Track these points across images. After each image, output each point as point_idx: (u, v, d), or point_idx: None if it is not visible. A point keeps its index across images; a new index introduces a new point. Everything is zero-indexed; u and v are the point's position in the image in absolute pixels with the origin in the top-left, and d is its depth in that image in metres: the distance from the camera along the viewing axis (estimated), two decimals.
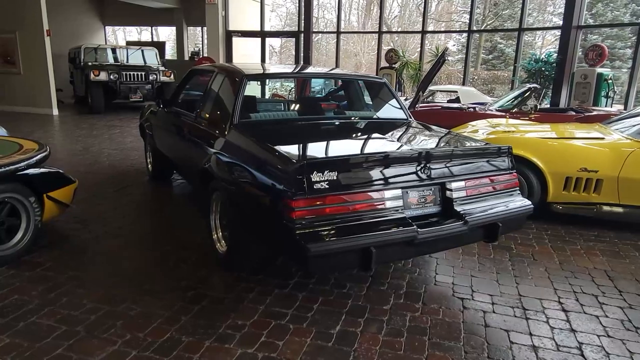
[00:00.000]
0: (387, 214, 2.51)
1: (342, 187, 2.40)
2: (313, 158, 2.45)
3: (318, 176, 2.34)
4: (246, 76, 3.36)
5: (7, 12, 11.41)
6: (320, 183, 2.34)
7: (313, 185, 2.33)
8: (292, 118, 3.42)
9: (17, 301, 2.75)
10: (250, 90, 3.49)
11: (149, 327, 2.53)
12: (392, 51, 11.13)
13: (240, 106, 3.22)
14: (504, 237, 4.07)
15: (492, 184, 2.94)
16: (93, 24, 17.59)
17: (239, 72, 3.45)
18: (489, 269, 3.43)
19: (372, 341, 2.48)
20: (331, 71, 4.42)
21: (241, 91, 3.27)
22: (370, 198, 2.48)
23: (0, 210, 3.19)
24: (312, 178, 2.32)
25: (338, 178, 2.39)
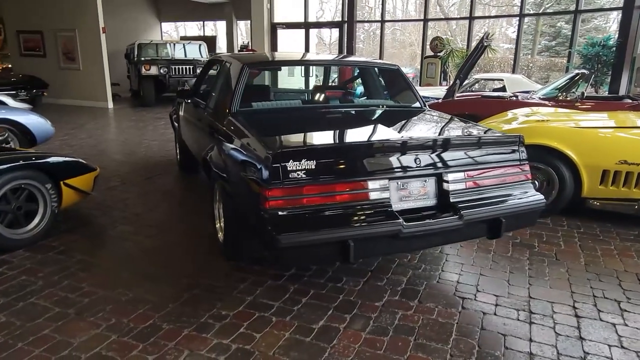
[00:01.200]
0: (371, 205, 2.38)
1: (321, 177, 2.30)
2: (289, 146, 2.36)
3: (294, 165, 2.25)
4: (247, 65, 3.32)
5: (68, 12, 12.13)
6: (297, 172, 2.25)
7: (289, 175, 2.24)
8: (296, 107, 3.34)
9: (23, 282, 2.90)
10: (260, 79, 3.45)
11: (135, 313, 2.57)
12: (437, 39, 10.70)
13: (240, 95, 3.19)
14: (527, 234, 3.79)
15: (498, 176, 2.71)
16: (150, 20, 18.35)
17: (240, 60, 3.41)
18: (502, 268, 3.19)
19: (353, 338, 2.37)
20: (342, 58, 4.28)
21: (241, 80, 3.23)
22: (351, 189, 2.36)
23: (18, 196, 3.37)
24: (287, 167, 2.24)
25: (316, 167, 2.29)
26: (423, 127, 3.21)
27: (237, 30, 17.20)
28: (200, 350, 2.26)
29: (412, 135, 2.71)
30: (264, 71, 7.65)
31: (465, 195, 2.60)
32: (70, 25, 12.23)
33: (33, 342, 2.30)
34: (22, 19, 13.06)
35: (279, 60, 4.10)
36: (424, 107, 3.65)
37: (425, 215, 2.48)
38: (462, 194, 2.59)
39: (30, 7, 12.76)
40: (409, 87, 3.72)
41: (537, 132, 4.19)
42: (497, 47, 14.10)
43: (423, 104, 3.67)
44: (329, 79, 5.01)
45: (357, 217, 2.33)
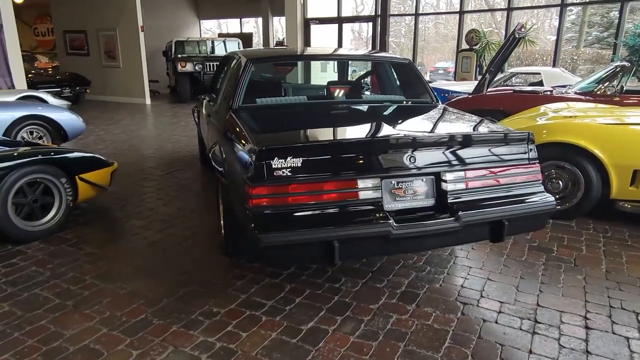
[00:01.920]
0: (360, 205, 2.29)
1: (308, 175, 2.23)
2: (274, 143, 2.31)
3: (279, 163, 2.20)
4: (250, 60, 3.29)
5: (109, 12, 12.58)
6: (282, 170, 2.20)
7: (273, 173, 2.19)
8: (301, 103, 3.28)
9: (31, 273, 3.01)
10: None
11: (129, 307, 2.60)
12: (473, 32, 10.31)
13: (242, 90, 3.16)
14: (548, 237, 3.57)
15: (503, 176, 2.55)
16: (189, 18, 18.75)
17: (245, 56, 3.39)
18: (513, 273, 3.02)
19: (340, 342, 2.30)
20: (352, 53, 4.16)
21: (244, 75, 3.21)
22: (339, 188, 2.28)
23: (34, 189, 3.50)
24: (272, 165, 2.19)
25: (303, 165, 2.22)
26: (427, 123, 3.07)
27: (272, 26, 17.28)
28: (185, 347, 2.26)
29: (409, 132, 2.59)
30: (294, 67, 7.61)
31: (465, 195, 2.46)
32: (111, 24, 12.68)
33: (28, 332, 2.37)
34: (69, 20, 13.68)
35: (285, 56, 4.05)
36: (435, 102, 3.50)
37: (420, 216, 2.37)
38: (462, 195, 2.45)
39: (76, 8, 13.34)
40: (420, 82, 3.58)
41: (562, 129, 3.94)
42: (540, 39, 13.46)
43: (435, 99, 3.51)
44: (344, 75, 4.90)
45: (344, 217, 2.25)
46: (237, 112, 3.05)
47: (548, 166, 3.92)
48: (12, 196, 3.33)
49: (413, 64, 3.64)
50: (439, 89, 8.73)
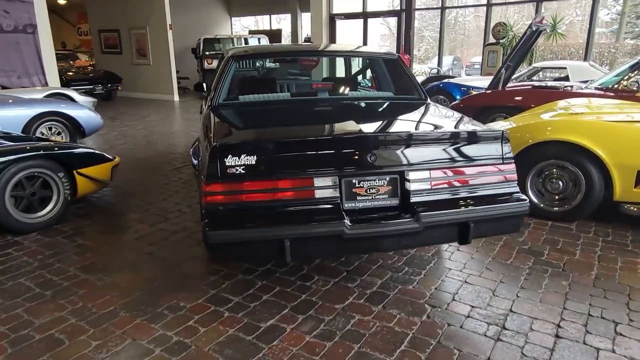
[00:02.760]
0: (315, 204, 2.26)
1: (261, 173, 2.23)
2: (229, 141, 2.31)
3: (233, 160, 2.20)
4: (232, 57, 3.30)
5: (140, 11, 12.97)
6: (236, 168, 2.20)
7: (227, 170, 2.20)
8: (284, 100, 3.26)
9: (21, 262, 3.15)
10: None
11: (102, 299, 2.69)
12: (500, 25, 9.94)
13: (223, 87, 3.18)
14: (542, 239, 3.42)
15: (472, 175, 2.45)
16: (220, 16, 19.05)
17: (229, 53, 3.41)
18: (494, 276, 2.91)
19: (295, 341, 2.29)
20: (340, 49, 4.09)
21: (226, 72, 3.23)
22: (294, 186, 2.26)
23: (33, 183, 3.66)
24: (226, 162, 2.20)
25: (257, 163, 2.22)
26: (402, 121, 2.98)
27: (301, 22, 17.31)
28: (142, 340, 2.31)
29: (373, 129, 2.53)
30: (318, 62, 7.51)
31: (429, 195, 2.38)
32: (142, 23, 13.07)
33: (2, 320, 2.49)
34: (103, 19, 14.20)
35: (270, 52, 4.02)
36: (423, 99, 3.40)
37: (378, 216, 2.32)
38: (425, 195, 2.38)
39: (110, 8, 13.82)
40: (408, 78, 3.48)
41: (563, 126, 3.75)
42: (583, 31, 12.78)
43: (423, 95, 3.41)
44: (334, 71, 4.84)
45: (297, 216, 2.23)
46: (216, 109, 3.08)
47: (549, 165, 3.75)
48: (10, 189, 3.49)
49: (401, 59, 3.55)
50: (458, 84, 8.51)
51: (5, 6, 9.15)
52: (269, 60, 5.79)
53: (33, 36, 9.58)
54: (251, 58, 3.54)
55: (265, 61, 4.95)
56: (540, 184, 3.83)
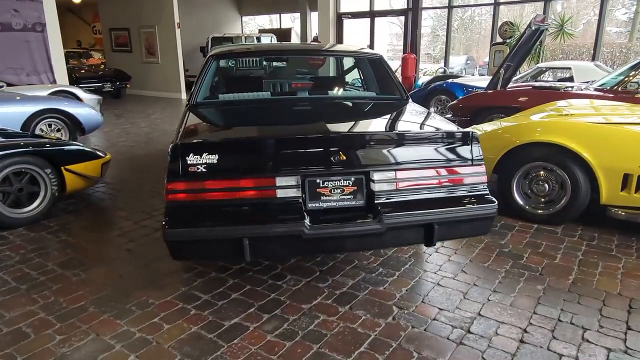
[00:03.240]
0: (276, 204, 2.26)
1: (223, 172, 2.23)
2: (189, 140, 2.32)
3: (195, 159, 2.21)
4: (212, 56, 3.32)
5: (149, 10, 13.12)
6: (197, 167, 2.21)
7: (188, 169, 2.21)
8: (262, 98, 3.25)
9: (3, 257, 3.21)
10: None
11: (74, 294, 2.72)
12: (507, 24, 9.80)
13: (201, 87, 3.20)
14: (524, 242, 3.37)
15: (438, 177, 2.42)
16: (231, 15, 19.17)
17: (210, 53, 3.42)
18: (468, 279, 2.87)
19: (255, 340, 2.29)
20: (320, 48, 4.07)
21: (204, 71, 3.24)
22: (255, 185, 2.26)
23: (21, 179, 3.73)
24: (187, 161, 2.21)
25: (219, 162, 2.22)
26: (374, 120, 2.96)
27: (310, 21, 17.31)
28: (105, 336, 2.33)
29: (341, 129, 2.52)
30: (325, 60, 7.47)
31: (394, 196, 2.36)
32: (150, 21, 13.22)
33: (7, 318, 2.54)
34: (114, 18, 14.40)
35: (249, 52, 4.02)
36: (404, 99, 3.37)
37: (339, 217, 2.30)
38: (390, 196, 2.36)
39: (120, 7, 14.01)
40: (390, 78, 3.46)
41: (549, 128, 3.69)
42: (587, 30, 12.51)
43: (404, 95, 3.38)
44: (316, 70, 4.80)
45: (256, 215, 2.23)
46: (193, 108, 3.09)
47: (536, 167, 3.69)
48: None
49: (384, 59, 3.53)
50: (462, 84, 8.42)
51: (15, 5, 9.33)
52: (259, 59, 5.78)
53: (42, 34, 9.75)
54: (231, 57, 3.54)
55: (251, 60, 4.93)
56: (526, 186, 3.77)
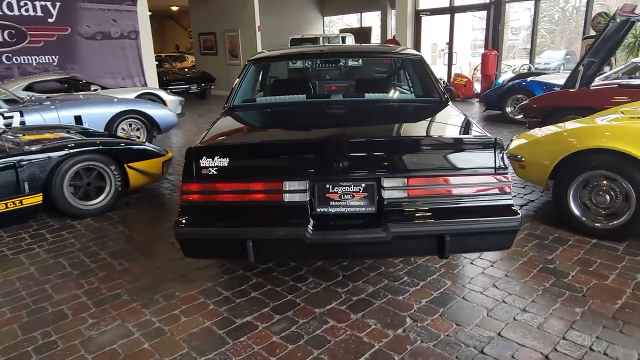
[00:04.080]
0: (284, 207, 2.28)
1: (233, 175, 2.31)
2: (204, 143, 2.42)
3: (207, 162, 2.31)
4: (250, 61, 3.42)
5: (233, 14, 13.81)
6: (209, 169, 2.31)
7: (201, 171, 2.32)
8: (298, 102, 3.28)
9: (68, 244, 3.60)
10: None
11: (114, 282, 2.98)
12: (600, 15, 8.86)
13: (239, 90, 3.32)
14: (576, 259, 3.06)
15: (457, 186, 2.29)
16: (312, 15, 19.49)
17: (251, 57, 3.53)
18: (498, 294, 2.68)
19: (260, 340, 2.34)
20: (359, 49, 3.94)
21: (243, 75, 3.36)
22: (263, 189, 2.30)
23: (89, 174, 4.14)
24: (200, 163, 2.31)
25: (230, 165, 2.30)
26: (399, 124, 2.84)
27: (391, 20, 17.05)
28: (129, 323, 2.53)
29: (354, 134, 2.46)
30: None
31: (405, 205, 2.28)
32: (234, 26, 13.91)
33: (32, 292, 2.88)
34: (203, 23, 15.35)
35: (288, 55, 4.03)
36: (443, 101, 3.21)
37: (347, 224, 2.27)
38: (400, 204, 2.27)
39: (208, 13, 14.91)
40: (430, 80, 3.31)
41: (615, 133, 3.31)
42: None
43: (444, 97, 3.23)
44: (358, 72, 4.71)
45: (261, 217, 2.28)
46: (228, 111, 3.22)
47: (597, 176, 3.33)
48: (68, 179, 3.99)
49: (424, 60, 3.39)
50: (542, 82, 7.80)
51: (114, 15, 10.34)
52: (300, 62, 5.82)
53: (136, 42, 10.71)
54: (268, 61, 3.62)
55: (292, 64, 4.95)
56: (585, 196, 3.41)
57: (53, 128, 5.00)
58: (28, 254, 3.45)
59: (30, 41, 9.27)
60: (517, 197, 4.32)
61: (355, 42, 14.77)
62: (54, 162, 3.89)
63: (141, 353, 2.28)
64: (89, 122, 6.08)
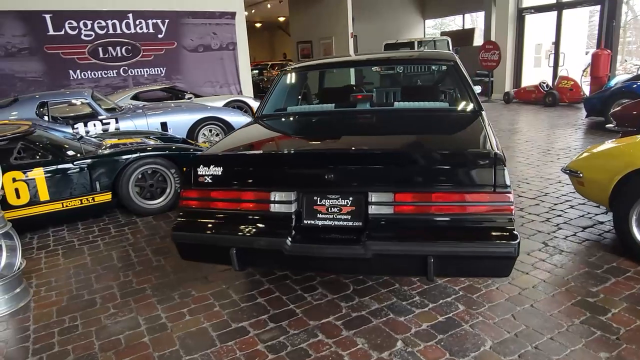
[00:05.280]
0: (269, 217, 2.30)
1: (225, 184, 2.38)
2: (204, 153, 2.52)
3: (204, 170, 2.42)
4: (282, 71, 3.48)
5: (328, 23, 14.13)
6: (205, 177, 2.42)
7: (198, 179, 2.44)
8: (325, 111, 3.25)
9: (124, 238, 4.01)
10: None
11: (145, 276, 3.25)
12: None
13: (268, 100, 3.40)
14: (624, 294, 2.63)
15: (448, 203, 2.10)
16: (412, 18, 19.10)
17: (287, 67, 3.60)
18: (511, 326, 2.40)
19: (246, 346, 2.39)
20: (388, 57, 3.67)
21: (274, 85, 3.44)
22: (252, 198, 2.34)
23: (153, 176, 4.56)
24: (198, 171, 2.44)
25: (223, 174, 2.39)
26: (406, 137, 2.67)
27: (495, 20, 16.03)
28: (141, 316, 2.74)
29: (342, 145, 2.38)
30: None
31: (390, 222, 2.15)
32: (329, 33, 14.22)
33: (79, 280, 3.26)
34: (300, 32, 15.94)
35: (317, 65, 3.94)
36: (475, 110, 2.96)
37: (326, 237, 2.22)
38: (386, 220, 2.16)
39: (306, 21, 15.44)
40: (463, 87, 3.07)
41: None
42: None
43: (477, 106, 2.97)
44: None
45: (246, 226, 2.31)
46: (254, 120, 3.33)
47: None
48: (133, 180, 4.44)
49: (458, 65, 3.14)
50: None
51: (214, 29, 11.21)
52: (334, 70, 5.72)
53: (233, 52, 11.48)
54: (299, 71, 3.63)
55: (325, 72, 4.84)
56: None
57: (135, 134, 5.59)
58: (91, 245, 3.91)
59: (143, 55, 10.44)
60: (584, 217, 3.82)
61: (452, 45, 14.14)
62: (121, 165, 4.36)
63: (138, 345, 2.46)
64: (173, 128, 6.68)
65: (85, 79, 9.88)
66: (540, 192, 4.54)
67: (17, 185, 3.98)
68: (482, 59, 12.35)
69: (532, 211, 4.03)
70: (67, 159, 4.24)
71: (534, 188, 4.67)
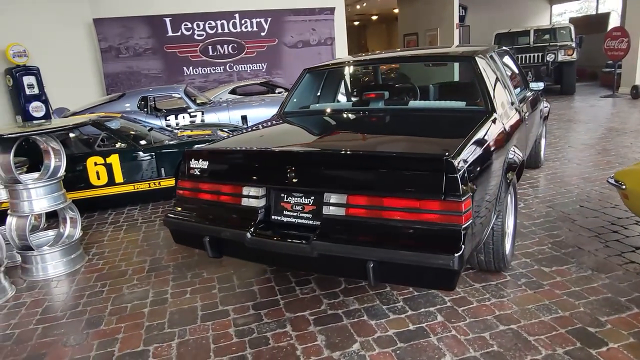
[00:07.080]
0: (237, 210, 2.44)
1: (209, 176, 2.58)
2: (197, 147, 2.73)
3: (194, 163, 2.65)
4: (306, 69, 3.54)
5: (434, 14, 13.63)
6: (194, 170, 2.65)
7: (189, 170, 2.68)
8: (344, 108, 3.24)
9: None
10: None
11: (174, 255, 3.63)
12: None
13: (292, 97, 3.51)
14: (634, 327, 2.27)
15: (395, 208, 2.03)
16: (539, 5, 17.40)
17: None
18: (480, 346, 2.23)
19: (219, 327, 2.57)
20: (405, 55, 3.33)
21: (297, 83, 3.53)
22: (226, 191, 2.50)
23: None
24: (190, 164, 2.68)
25: (208, 167, 2.59)
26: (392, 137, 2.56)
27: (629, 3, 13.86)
28: (154, 289, 3.10)
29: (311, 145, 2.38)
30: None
31: (339, 223, 2.15)
32: (434, 25, 13.73)
33: (125, 253, 3.77)
34: (407, 24, 15.63)
35: (341, 62, 3.76)
36: (487, 110, 2.73)
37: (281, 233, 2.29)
38: (336, 221, 2.16)
39: (412, 13, 15.11)
40: (476, 85, 2.83)
41: None
42: None
43: (490, 107, 2.74)
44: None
45: (219, 217, 2.48)
46: (281, 117, 3.47)
47: None
48: None
49: (475, 62, 2.89)
50: None
51: (313, 25, 11.57)
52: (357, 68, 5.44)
53: (331, 47, 11.73)
54: (320, 70, 3.62)
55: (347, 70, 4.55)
56: None
57: (211, 126, 6.12)
58: (148, 224, 4.46)
59: (246, 52, 11.23)
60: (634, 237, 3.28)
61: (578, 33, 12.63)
62: (181, 154, 4.85)
63: (137, 314, 2.81)
64: (252, 121, 7.14)
65: (196, 74, 10.97)
66: (610, 203, 3.98)
67: (97, 168, 4.69)
68: (607, 48, 10.87)
69: (586, 224, 3.56)
70: (138, 147, 4.85)
71: (603, 199, 4.10)
